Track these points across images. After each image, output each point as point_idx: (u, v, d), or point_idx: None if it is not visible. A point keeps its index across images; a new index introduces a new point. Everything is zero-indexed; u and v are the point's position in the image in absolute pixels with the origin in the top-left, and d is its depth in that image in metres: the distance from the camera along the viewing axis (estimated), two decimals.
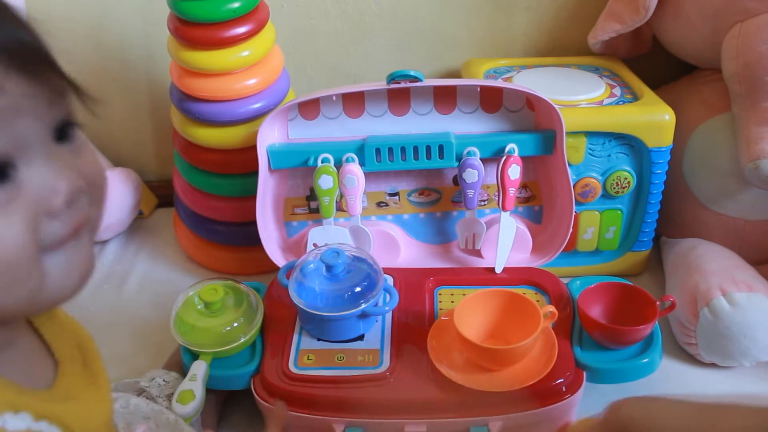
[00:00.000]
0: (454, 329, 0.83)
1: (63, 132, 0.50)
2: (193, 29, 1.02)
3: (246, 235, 1.13)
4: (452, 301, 0.97)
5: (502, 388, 0.82)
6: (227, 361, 0.90)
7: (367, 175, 1.03)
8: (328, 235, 1.05)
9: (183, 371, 0.91)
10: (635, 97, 1.08)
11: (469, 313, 0.86)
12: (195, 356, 0.90)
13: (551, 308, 0.86)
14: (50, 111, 0.48)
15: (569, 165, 1.03)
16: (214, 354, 0.89)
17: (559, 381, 0.84)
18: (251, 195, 1.03)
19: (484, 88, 1.02)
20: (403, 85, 0.96)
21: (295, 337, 0.91)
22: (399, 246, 1.09)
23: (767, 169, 0.97)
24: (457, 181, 1.07)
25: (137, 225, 1.32)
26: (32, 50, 0.47)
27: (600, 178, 1.06)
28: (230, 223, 1.17)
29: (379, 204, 1.10)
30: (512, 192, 1.02)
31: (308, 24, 1.26)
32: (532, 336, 0.82)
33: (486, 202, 1.10)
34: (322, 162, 1.02)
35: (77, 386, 0.54)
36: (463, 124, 1.04)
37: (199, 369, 0.87)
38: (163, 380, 0.90)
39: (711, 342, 0.95)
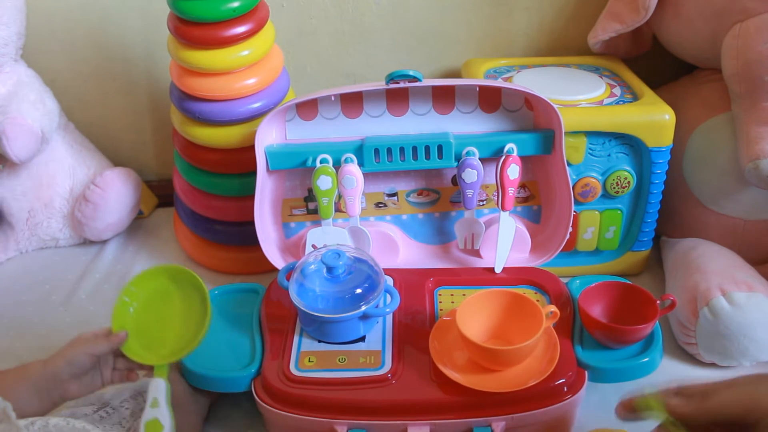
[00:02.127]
0: (457, 330, 0.83)
1: None
2: (193, 29, 1.02)
3: (245, 234, 1.13)
4: (452, 302, 0.97)
5: (504, 388, 0.82)
6: (227, 364, 0.90)
7: (366, 175, 1.03)
8: (326, 236, 1.05)
9: (181, 372, 0.91)
10: (635, 97, 1.08)
11: (471, 314, 0.86)
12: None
13: (553, 308, 0.86)
14: None
15: (569, 165, 1.03)
16: (169, 362, 0.84)
17: (561, 381, 0.84)
18: (251, 195, 1.03)
19: (482, 88, 1.02)
20: (402, 85, 0.96)
21: (296, 338, 0.91)
22: (398, 247, 1.08)
23: (767, 168, 0.97)
24: (456, 181, 1.07)
25: (137, 225, 1.32)
26: None
27: (600, 177, 1.06)
28: (230, 223, 1.17)
29: (377, 205, 1.10)
30: (511, 192, 1.02)
31: (308, 24, 1.26)
32: (535, 336, 0.82)
33: (485, 202, 1.10)
34: (321, 163, 1.02)
35: None
36: (462, 124, 1.04)
37: (159, 391, 0.81)
38: (131, 397, 0.87)
39: (711, 342, 0.95)
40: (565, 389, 0.84)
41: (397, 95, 1.02)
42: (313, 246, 1.05)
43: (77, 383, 0.83)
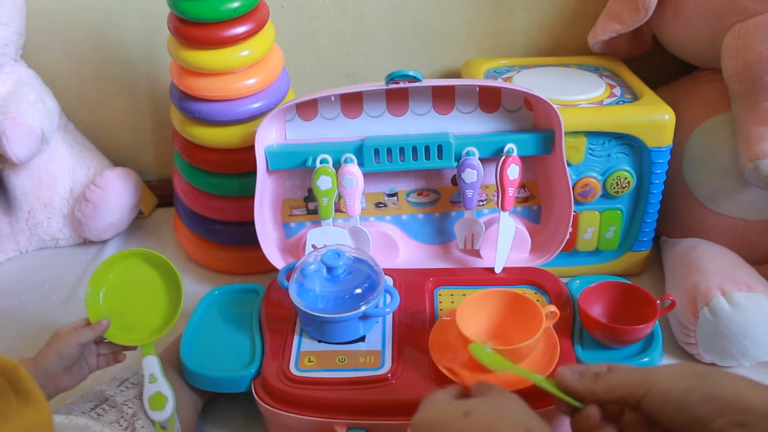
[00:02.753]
0: (457, 330, 0.83)
1: None
2: (193, 29, 1.02)
3: (245, 235, 1.13)
4: (452, 302, 0.97)
5: (504, 388, 0.81)
6: (227, 364, 0.90)
7: (366, 175, 1.03)
8: (326, 236, 1.05)
9: (179, 368, 0.91)
10: (635, 97, 1.08)
11: (470, 314, 0.86)
12: None
13: (553, 308, 0.86)
14: None
15: (569, 165, 1.03)
16: (154, 340, 0.87)
17: None
18: (251, 195, 1.03)
19: (482, 88, 1.02)
20: (402, 85, 0.96)
21: (296, 338, 0.91)
22: (398, 247, 1.09)
23: (767, 169, 0.97)
24: (455, 181, 1.07)
25: (137, 225, 1.32)
26: None
27: (600, 177, 1.06)
28: (230, 223, 1.17)
29: (377, 205, 1.10)
30: (511, 192, 1.02)
31: (308, 24, 1.26)
32: (535, 336, 0.82)
33: (485, 202, 1.10)
34: (321, 163, 1.02)
35: (12, 412, 0.58)
36: (462, 124, 1.04)
37: (153, 367, 0.86)
38: (131, 382, 0.89)
39: (711, 342, 0.95)
40: None
41: (397, 95, 1.02)
42: (313, 246, 1.05)
43: (69, 375, 0.85)
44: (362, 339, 0.91)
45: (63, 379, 0.84)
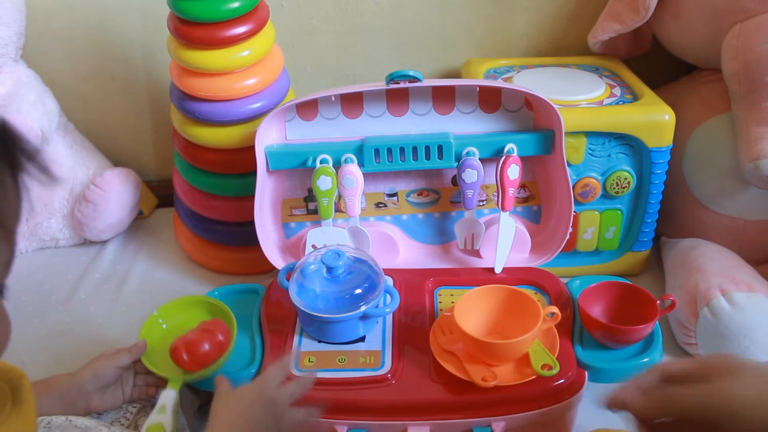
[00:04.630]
0: (455, 324, 0.83)
1: None
2: (193, 29, 1.02)
3: (245, 235, 1.13)
4: (452, 302, 0.97)
5: (504, 382, 0.81)
6: (227, 364, 0.89)
7: (366, 175, 1.03)
8: (326, 236, 1.05)
9: None
10: (635, 97, 1.08)
11: (469, 309, 0.86)
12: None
13: (554, 309, 0.86)
14: None
15: (569, 165, 1.03)
16: (185, 379, 0.86)
17: (561, 381, 0.84)
18: (251, 195, 1.03)
19: (482, 89, 1.02)
20: (402, 85, 0.96)
21: (296, 338, 0.91)
22: (398, 247, 1.08)
23: (767, 169, 0.97)
24: (456, 181, 1.07)
25: (137, 225, 1.32)
26: None
27: (600, 178, 1.06)
28: (230, 223, 1.17)
29: (377, 205, 1.10)
30: (511, 192, 1.02)
31: (308, 24, 1.26)
32: (532, 331, 0.82)
33: (485, 203, 1.10)
34: (321, 163, 1.02)
35: (2, 417, 0.61)
36: (462, 125, 1.04)
37: (168, 399, 0.83)
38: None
39: (711, 342, 0.95)
40: (565, 389, 0.84)
41: (398, 95, 1.02)
42: (313, 246, 1.05)
43: (100, 396, 0.85)
44: (362, 339, 0.91)
45: (94, 399, 0.84)
